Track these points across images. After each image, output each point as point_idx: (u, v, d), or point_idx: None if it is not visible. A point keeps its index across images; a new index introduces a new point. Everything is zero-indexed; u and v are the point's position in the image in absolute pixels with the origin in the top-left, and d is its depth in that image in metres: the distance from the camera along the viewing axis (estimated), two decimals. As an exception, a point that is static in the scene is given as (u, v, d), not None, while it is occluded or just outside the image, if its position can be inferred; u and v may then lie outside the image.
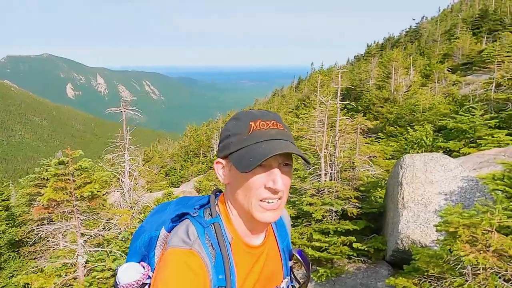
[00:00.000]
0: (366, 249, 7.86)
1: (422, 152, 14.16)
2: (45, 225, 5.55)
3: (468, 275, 4.62)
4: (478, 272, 4.56)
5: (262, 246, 1.21)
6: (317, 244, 8.37)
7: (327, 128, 10.02)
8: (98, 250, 5.55)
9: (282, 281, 1.30)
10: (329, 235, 8.71)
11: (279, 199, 1.09)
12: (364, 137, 17.70)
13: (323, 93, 20.72)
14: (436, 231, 5.11)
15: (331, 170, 9.75)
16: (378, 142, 17.78)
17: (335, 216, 9.04)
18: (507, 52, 15.39)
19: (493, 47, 16.21)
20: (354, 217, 8.83)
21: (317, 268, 7.89)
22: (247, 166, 1.03)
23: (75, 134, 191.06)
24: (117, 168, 9.81)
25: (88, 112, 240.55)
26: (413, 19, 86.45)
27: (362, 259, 8.08)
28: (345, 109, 26.69)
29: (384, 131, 18.41)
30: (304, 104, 28.37)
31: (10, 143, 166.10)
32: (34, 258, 13.62)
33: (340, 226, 8.67)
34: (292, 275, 1.36)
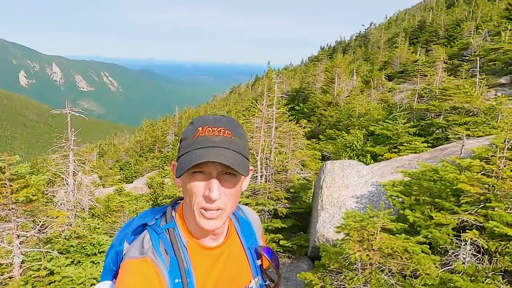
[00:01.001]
0: (290, 246, 8.54)
1: (354, 154, 15.20)
2: (-19, 227, 5.69)
3: (358, 270, 5.35)
4: (366, 267, 5.30)
5: (220, 246, 1.18)
6: (249, 240, 8.96)
7: (265, 133, 10.63)
8: (34, 251, 5.77)
9: (251, 281, 1.25)
10: (262, 232, 9.34)
11: (220, 209, 1.06)
12: (306, 139, 18.58)
13: (270, 96, 21.34)
14: (336, 232, 5.82)
15: (266, 172, 10.37)
16: (319, 144, 18.74)
17: (267, 215, 9.68)
18: (429, 66, 16.77)
19: (416, 61, 17.58)
20: (284, 216, 9.51)
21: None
22: (179, 172, 1.03)
23: (27, 124, 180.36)
24: (62, 168, 9.86)
25: (42, 101, 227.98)
26: (363, 25, 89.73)
27: (288, 255, 8.76)
28: (293, 110, 27.66)
29: (325, 133, 19.37)
30: (252, 106, 28.96)
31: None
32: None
33: (271, 224, 9.31)
34: (264, 275, 1.30)
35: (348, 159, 14.72)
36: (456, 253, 5.29)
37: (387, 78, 29.49)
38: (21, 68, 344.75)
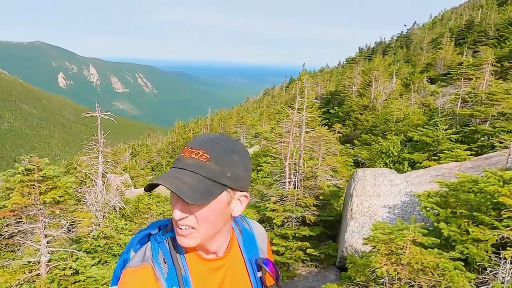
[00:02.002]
0: (318, 254, 8.44)
1: (390, 161, 14.81)
2: (12, 225, 6.05)
3: (386, 285, 5.20)
4: (394, 282, 5.14)
5: (221, 259, 1.22)
6: (275, 248, 8.95)
7: (294, 138, 10.58)
8: (61, 250, 6.07)
9: None
10: (288, 240, 9.29)
11: (190, 227, 1.10)
12: (340, 144, 18.29)
13: (307, 97, 21.22)
14: (363, 244, 5.69)
15: (295, 178, 10.31)
16: (353, 149, 18.42)
17: (295, 222, 9.62)
18: (474, 69, 16.07)
19: (461, 64, 16.90)
20: (312, 224, 9.42)
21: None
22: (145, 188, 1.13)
23: (65, 124, 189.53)
24: (91, 169, 10.32)
25: (79, 102, 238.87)
26: (405, 25, 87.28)
27: (315, 264, 8.67)
28: (327, 114, 27.36)
29: (360, 138, 19.01)
30: (287, 107, 28.88)
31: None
32: (12, 251, 13.98)
33: (299, 232, 9.25)
34: (264, 287, 1.33)
35: (384, 166, 14.37)
36: (495, 272, 5.03)
37: (429, 81, 28.50)
38: (60, 69, 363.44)
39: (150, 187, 1.09)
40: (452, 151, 12.34)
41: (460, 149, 12.43)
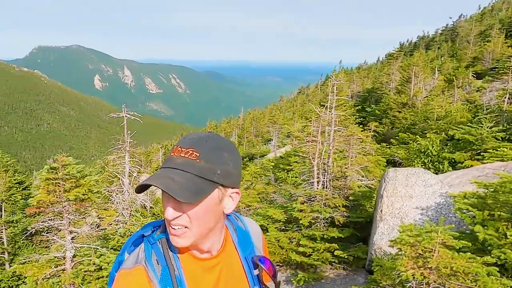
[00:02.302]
0: (346, 257, 8.31)
1: (428, 161, 14.33)
2: (42, 222, 6.40)
3: (413, 289, 5.04)
4: (422, 286, 4.98)
5: (215, 258, 1.24)
6: (302, 249, 8.89)
7: (323, 137, 10.47)
8: (84, 246, 6.35)
9: None
10: (316, 241, 9.21)
11: (183, 226, 1.12)
12: (376, 143, 17.90)
13: (339, 94, 20.90)
14: (388, 246, 5.55)
15: (324, 178, 10.20)
16: (390, 148, 17.96)
17: (323, 223, 9.52)
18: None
19: (510, 57, 16.07)
20: (341, 225, 9.28)
21: (298, 272, 8.44)
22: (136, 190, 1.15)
23: (101, 125, 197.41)
24: (118, 168, 10.72)
25: (114, 103, 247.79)
26: (450, 17, 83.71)
27: (343, 266, 8.54)
28: (363, 112, 26.84)
29: (397, 137, 18.51)
30: (318, 105, 28.57)
31: (38, 131, 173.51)
32: (46, 247, 14.76)
33: (327, 233, 9.14)
34: (262, 285, 1.36)
35: (422, 165, 13.92)
36: (535, 279, 4.76)
37: (475, 76, 27.31)
38: (96, 72, 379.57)
39: (140, 188, 1.10)
40: (498, 150, 11.75)
41: (507, 148, 11.82)
